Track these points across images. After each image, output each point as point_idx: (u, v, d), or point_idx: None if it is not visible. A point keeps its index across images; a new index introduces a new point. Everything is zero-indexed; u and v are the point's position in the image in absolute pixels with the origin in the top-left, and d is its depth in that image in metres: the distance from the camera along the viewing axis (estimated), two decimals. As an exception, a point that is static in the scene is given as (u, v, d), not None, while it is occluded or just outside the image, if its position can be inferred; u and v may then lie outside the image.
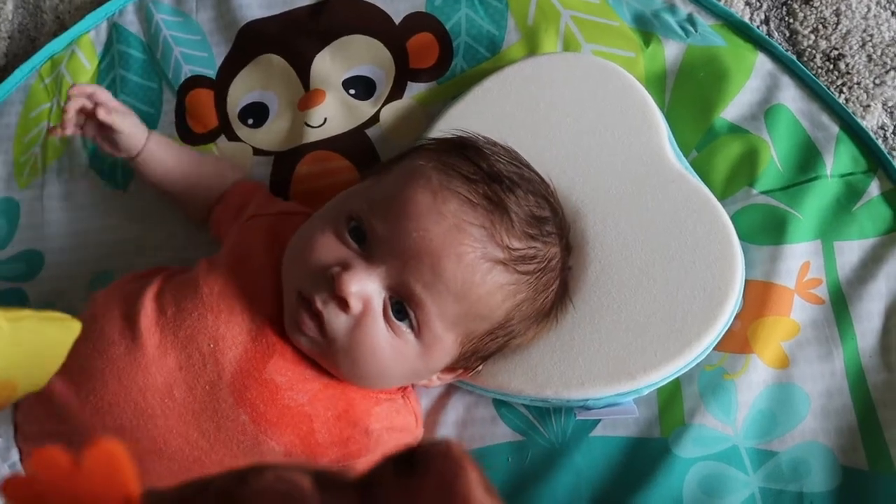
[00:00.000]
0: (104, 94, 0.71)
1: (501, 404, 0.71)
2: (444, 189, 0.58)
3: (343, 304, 0.57)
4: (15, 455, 0.62)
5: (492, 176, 0.61)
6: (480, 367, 0.67)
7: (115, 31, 0.86)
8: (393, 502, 0.28)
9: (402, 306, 0.59)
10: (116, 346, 0.60)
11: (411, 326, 0.59)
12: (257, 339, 0.61)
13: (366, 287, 0.57)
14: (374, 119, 0.80)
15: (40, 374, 0.43)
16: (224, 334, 0.60)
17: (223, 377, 0.59)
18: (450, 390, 0.72)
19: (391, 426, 0.64)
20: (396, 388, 0.65)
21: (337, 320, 0.58)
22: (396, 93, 0.80)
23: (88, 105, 0.70)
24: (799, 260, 0.72)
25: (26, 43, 0.90)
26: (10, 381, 0.42)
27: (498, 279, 0.59)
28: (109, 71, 0.85)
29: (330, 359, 0.60)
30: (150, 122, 0.83)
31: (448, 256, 0.57)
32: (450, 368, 0.65)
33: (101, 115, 0.69)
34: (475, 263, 0.57)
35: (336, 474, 0.29)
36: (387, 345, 0.59)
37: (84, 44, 0.86)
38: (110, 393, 0.59)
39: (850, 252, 0.72)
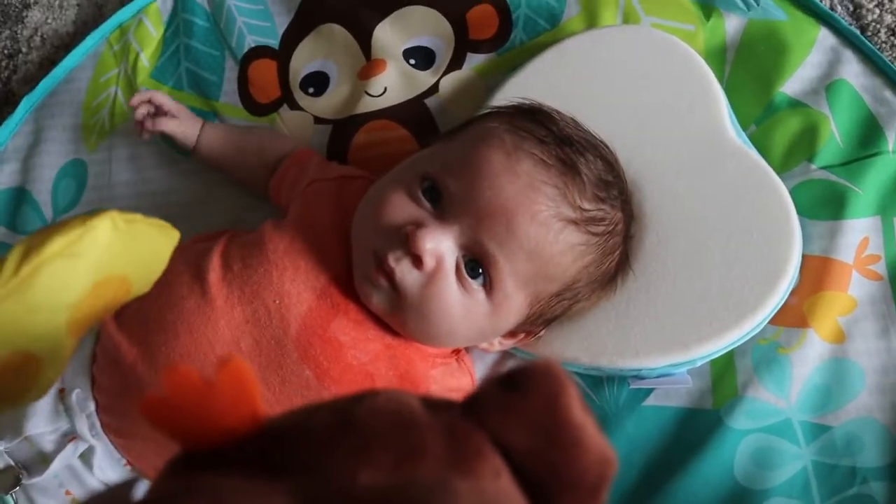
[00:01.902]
0: (160, 97, 0.77)
1: (555, 372, 0.72)
2: (517, 150, 0.59)
3: (417, 261, 0.58)
4: (92, 406, 0.64)
5: (563, 139, 0.62)
6: (542, 333, 0.68)
7: (181, 0, 0.88)
8: (497, 419, 0.29)
9: (475, 264, 0.59)
10: (186, 300, 0.62)
11: (484, 284, 0.60)
12: (322, 298, 0.62)
13: (440, 244, 0.58)
14: (434, 89, 0.81)
15: (148, 275, 0.46)
16: (289, 291, 0.62)
17: (289, 333, 0.61)
18: (504, 358, 0.73)
19: (448, 387, 0.65)
20: (451, 352, 0.67)
21: (410, 277, 0.59)
22: (456, 63, 0.81)
23: (151, 110, 0.77)
24: (858, 235, 0.71)
25: (94, 10, 0.93)
26: (126, 279, 0.44)
27: (570, 238, 0.60)
28: (174, 39, 0.87)
29: (400, 316, 0.61)
30: (213, 89, 0.85)
31: (522, 214, 0.58)
32: (512, 333, 0.66)
33: (150, 126, 0.77)
34: (549, 222, 0.58)
35: (442, 399, 0.30)
36: (457, 303, 0.60)
37: (151, 12, 0.88)
38: (181, 345, 0.61)
39: (911, 229, 0.71)
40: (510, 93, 0.75)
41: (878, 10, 0.79)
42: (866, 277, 0.71)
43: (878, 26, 0.78)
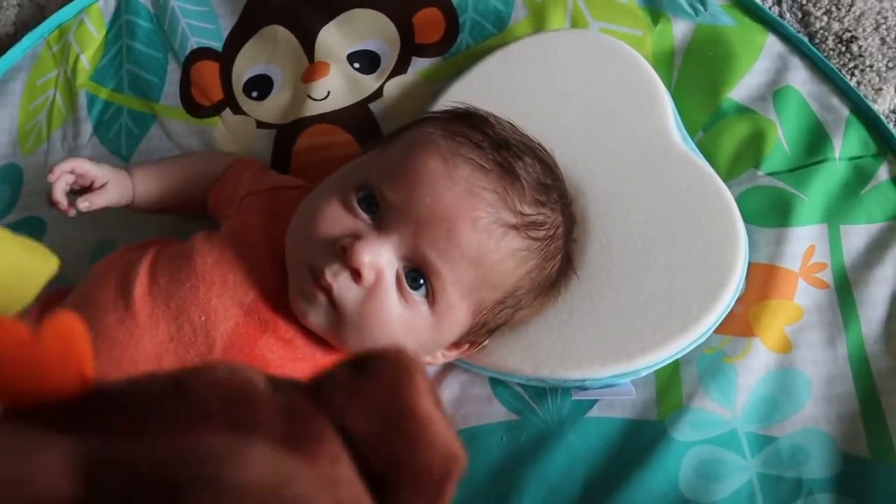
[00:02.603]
0: (83, 166, 0.67)
1: (497, 383, 0.70)
2: (454, 155, 0.58)
3: (356, 275, 0.56)
4: None
5: (500, 143, 0.60)
6: (486, 342, 0.66)
7: (124, 1, 0.86)
8: (340, 403, 0.28)
9: (416, 275, 0.58)
10: (110, 314, 0.60)
11: (426, 296, 0.58)
12: (250, 314, 0.60)
13: (379, 256, 0.57)
14: (378, 93, 0.79)
15: (8, 300, 0.43)
16: (216, 307, 0.59)
17: (213, 351, 0.59)
18: (446, 369, 0.71)
19: None
20: None
21: (349, 292, 0.57)
22: (401, 67, 0.80)
23: (71, 181, 0.67)
24: (804, 243, 0.70)
25: (35, 11, 0.90)
26: None
27: (511, 245, 0.58)
28: (116, 40, 0.85)
29: (339, 332, 0.59)
30: (154, 91, 0.83)
31: (463, 221, 0.56)
32: (455, 345, 0.64)
33: (83, 207, 0.67)
34: (490, 228, 0.57)
35: (290, 378, 0.29)
36: (399, 316, 0.58)
37: (93, 12, 0.86)
38: (102, 363, 0.58)
39: (857, 236, 0.71)
40: (455, 97, 0.73)
41: (826, 18, 0.78)
42: (812, 285, 0.70)
43: (826, 34, 0.78)
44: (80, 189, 0.68)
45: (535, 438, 0.68)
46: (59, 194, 0.66)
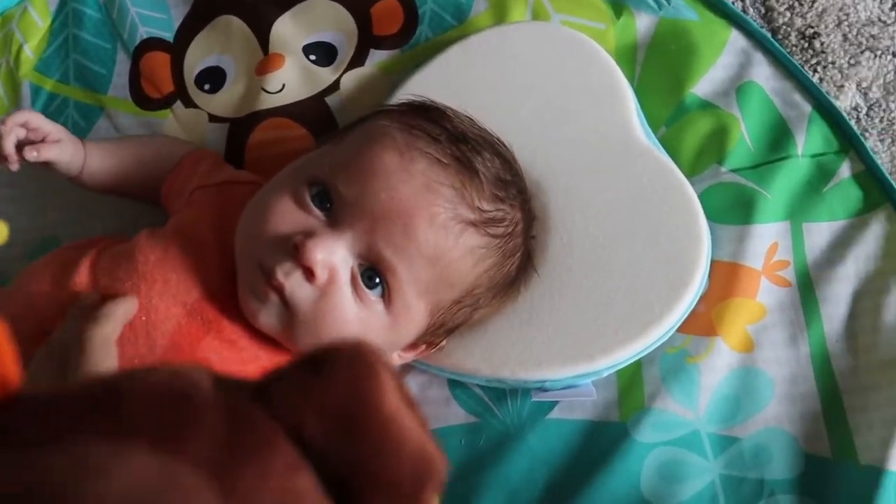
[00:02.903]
0: (36, 119, 0.65)
1: (456, 385, 0.68)
2: (410, 148, 0.56)
3: (308, 274, 0.54)
4: None
5: (457, 136, 0.59)
6: (444, 343, 0.64)
7: (71, -11, 0.83)
8: (295, 405, 0.25)
9: (372, 273, 0.56)
10: (49, 312, 0.57)
11: (382, 295, 0.56)
12: (192, 314, 0.57)
13: (333, 254, 0.54)
14: (335, 87, 0.77)
15: None
16: (157, 306, 0.57)
17: (154, 352, 0.56)
18: (403, 370, 0.69)
19: None
20: None
21: (301, 291, 0.54)
22: (358, 60, 0.78)
23: (23, 135, 0.64)
24: (767, 241, 0.69)
25: (-24, -1, 0.87)
26: None
27: (469, 242, 0.56)
28: (62, 30, 0.82)
29: (291, 333, 0.56)
30: (102, 82, 0.80)
31: (420, 217, 0.54)
32: (412, 345, 0.63)
33: (31, 157, 0.63)
34: (448, 224, 0.55)
35: (238, 378, 0.26)
36: (354, 316, 0.56)
37: (37, 1, 0.83)
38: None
39: (819, 234, 0.70)
40: (413, 90, 0.72)
41: (788, 14, 0.78)
42: (775, 284, 0.69)
43: (789, 30, 0.77)
44: (30, 143, 0.65)
45: (494, 441, 0.66)
46: (10, 146, 0.63)
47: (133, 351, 0.56)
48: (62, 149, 0.66)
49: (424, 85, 0.72)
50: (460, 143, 0.58)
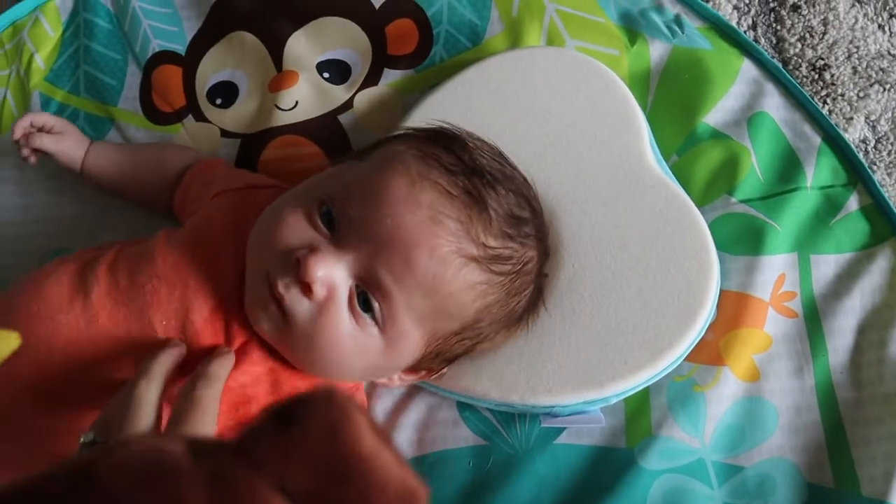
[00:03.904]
0: (40, 118, 0.72)
1: (465, 407, 0.69)
2: (422, 178, 0.56)
3: (306, 289, 0.54)
4: None
5: (473, 169, 0.58)
6: (445, 370, 0.65)
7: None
8: (274, 459, 0.25)
9: (368, 296, 0.56)
10: (66, 313, 0.58)
11: (376, 319, 0.56)
12: (211, 318, 0.58)
13: (332, 272, 0.55)
14: (348, 105, 0.77)
15: None
16: (177, 310, 0.58)
17: None
18: (413, 391, 0.69)
19: None
20: (347, 387, 0.63)
21: (299, 305, 0.55)
22: (372, 79, 0.78)
23: (28, 128, 0.72)
24: (775, 272, 0.70)
25: (-14, 6, 0.86)
26: None
27: (470, 277, 0.56)
28: (73, 40, 0.82)
29: (288, 345, 0.57)
30: (113, 94, 0.79)
31: (421, 248, 0.54)
32: (413, 369, 0.63)
33: (35, 144, 0.71)
34: (448, 258, 0.55)
35: (213, 440, 0.26)
36: (349, 336, 0.56)
37: (49, 10, 0.82)
38: (55, 362, 0.57)
39: (826, 266, 0.71)
40: (427, 111, 0.72)
41: (799, 45, 0.78)
42: (782, 314, 0.70)
43: (800, 61, 0.78)
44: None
45: (502, 464, 0.67)
46: (18, 134, 0.71)
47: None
48: (62, 140, 0.72)
49: (439, 107, 0.72)
50: (475, 176, 0.58)
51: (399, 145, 0.60)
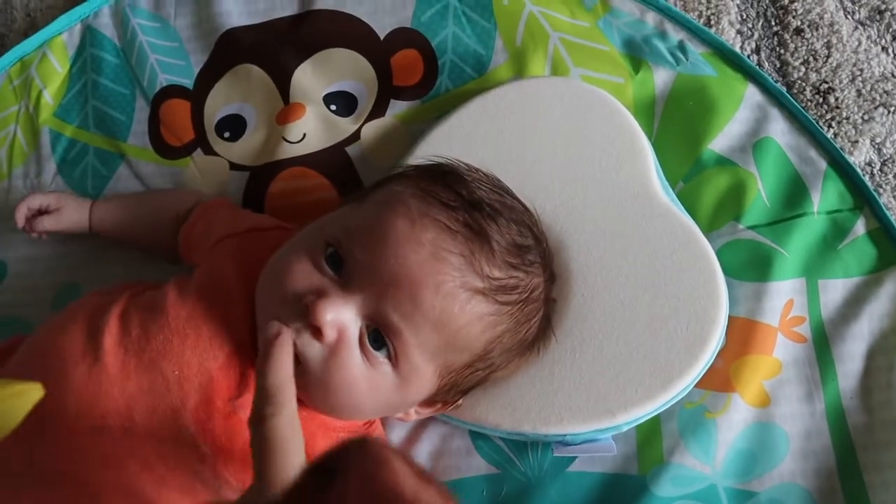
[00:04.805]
0: (35, 201, 0.74)
1: (478, 436, 0.69)
2: (422, 216, 0.57)
3: (317, 333, 0.55)
4: None
5: (472, 203, 0.59)
6: (461, 402, 0.65)
7: (89, 34, 0.83)
8: None
9: (379, 335, 0.57)
10: (78, 365, 0.58)
11: (388, 357, 0.57)
12: (224, 368, 0.58)
13: (341, 315, 0.55)
14: (355, 136, 0.77)
15: None
16: (190, 360, 0.58)
17: (187, 405, 0.57)
18: (426, 421, 0.70)
19: None
20: (361, 423, 0.64)
21: (311, 349, 0.56)
22: (378, 110, 0.78)
23: (27, 212, 0.73)
24: (783, 297, 0.71)
25: (-6, 42, 0.87)
26: None
27: (477, 309, 0.57)
28: (81, 75, 0.82)
29: (304, 388, 0.57)
30: (122, 129, 0.80)
31: (426, 285, 0.55)
32: (428, 402, 0.63)
33: (32, 230, 0.73)
34: (454, 293, 0.56)
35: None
36: (362, 375, 0.57)
37: (56, 46, 0.83)
38: (68, 414, 0.56)
39: (835, 291, 0.71)
40: (434, 143, 0.73)
41: (803, 69, 0.79)
42: (791, 340, 0.70)
43: (804, 84, 0.78)
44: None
45: (516, 492, 0.68)
46: (21, 222, 0.73)
47: (165, 404, 0.56)
48: (61, 216, 0.74)
49: (445, 139, 0.73)
50: (474, 209, 0.58)
51: (398, 185, 0.61)
